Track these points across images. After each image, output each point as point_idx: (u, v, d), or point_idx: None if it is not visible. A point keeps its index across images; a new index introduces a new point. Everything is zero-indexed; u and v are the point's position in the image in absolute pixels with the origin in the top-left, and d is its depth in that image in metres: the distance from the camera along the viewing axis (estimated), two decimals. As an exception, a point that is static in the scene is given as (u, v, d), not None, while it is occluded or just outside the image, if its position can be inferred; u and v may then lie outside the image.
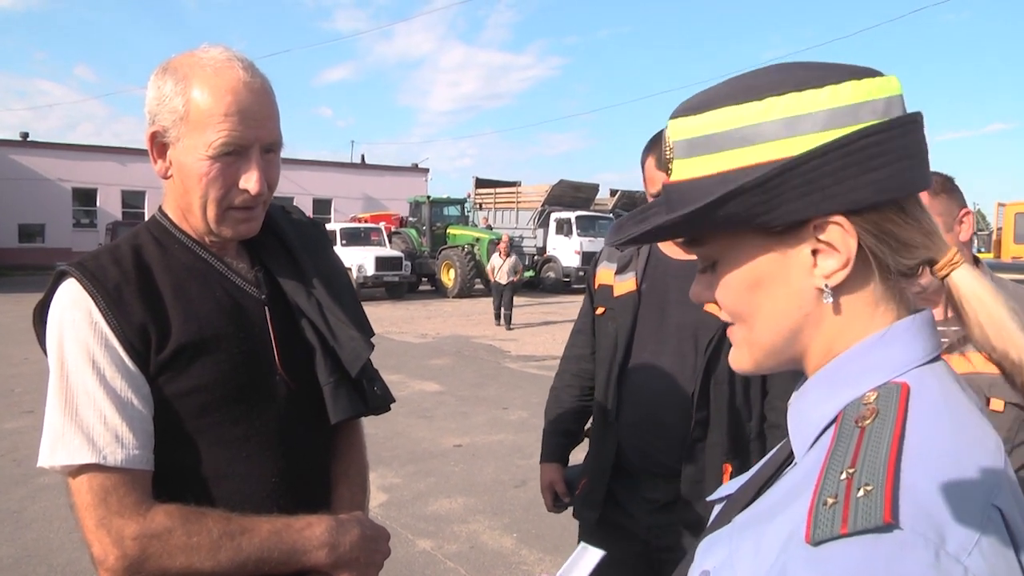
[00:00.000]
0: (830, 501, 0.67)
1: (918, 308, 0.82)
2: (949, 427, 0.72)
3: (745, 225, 0.79)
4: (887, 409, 0.73)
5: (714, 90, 0.82)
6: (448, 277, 25.56)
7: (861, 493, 0.66)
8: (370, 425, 6.85)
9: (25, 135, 39.88)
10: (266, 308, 1.57)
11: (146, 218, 1.62)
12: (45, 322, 1.44)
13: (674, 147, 0.84)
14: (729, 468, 2.28)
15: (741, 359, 0.90)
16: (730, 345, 2.39)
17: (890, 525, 0.63)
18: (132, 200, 41.07)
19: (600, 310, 2.55)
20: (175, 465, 1.44)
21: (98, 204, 40.72)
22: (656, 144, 2.35)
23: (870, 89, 0.77)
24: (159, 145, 1.49)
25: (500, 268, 17.53)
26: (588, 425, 2.67)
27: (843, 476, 0.69)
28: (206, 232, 1.53)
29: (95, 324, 1.38)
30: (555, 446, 2.71)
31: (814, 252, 0.79)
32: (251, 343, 1.52)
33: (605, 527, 2.44)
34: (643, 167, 2.41)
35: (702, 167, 0.82)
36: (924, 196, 0.82)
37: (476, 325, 17.55)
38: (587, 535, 2.50)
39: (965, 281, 0.78)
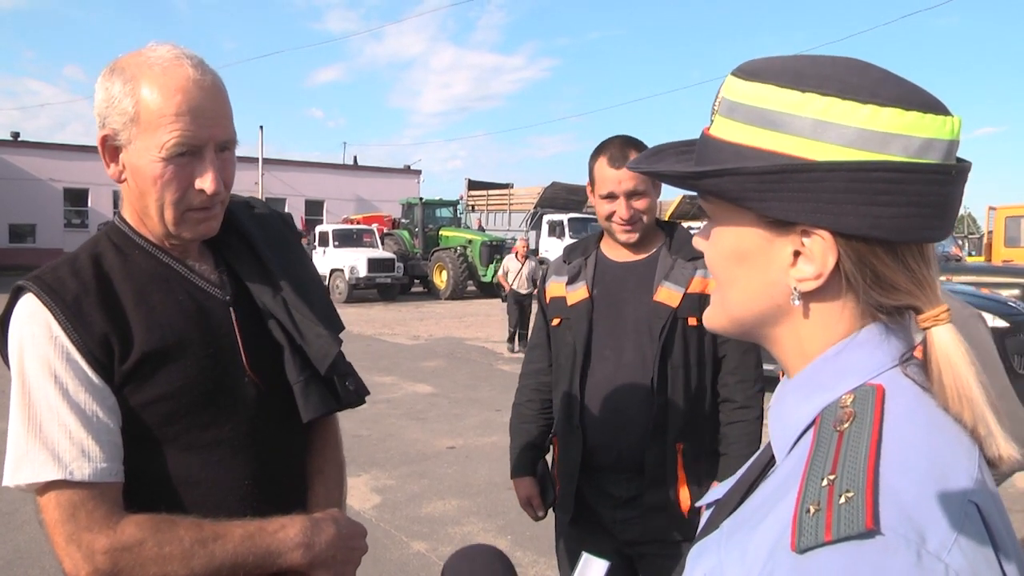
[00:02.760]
0: (812, 509, 0.68)
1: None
2: (925, 427, 0.74)
3: (736, 202, 0.81)
4: (864, 412, 0.74)
5: (774, 62, 0.82)
6: (440, 279, 25.56)
7: (843, 500, 0.67)
8: (362, 427, 6.77)
9: (16, 135, 39.72)
10: (231, 309, 1.55)
11: None
12: (6, 338, 1.41)
13: (721, 102, 0.85)
14: (681, 447, 2.43)
15: (711, 317, 0.94)
16: (683, 331, 2.49)
17: (872, 531, 0.64)
18: (123, 200, 40.91)
19: (556, 321, 2.65)
20: (146, 474, 1.42)
21: (89, 204, 40.59)
22: (606, 148, 2.48)
23: (912, 123, 0.75)
24: (111, 148, 1.46)
25: (518, 274, 14.00)
26: (552, 434, 2.74)
27: (824, 483, 0.70)
28: (165, 235, 1.50)
29: (55, 338, 1.35)
30: (523, 460, 2.79)
31: (796, 253, 0.80)
32: (217, 346, 1.50)
33: (579, 526, 2.59)
34: (592, 171, 2.52)
35: (731, 131, 0.83)
36: None
37: (468, 327, 17.55)
38: (563, 535, 2.68)
39: (943, 340, 0.77)
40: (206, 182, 1.43)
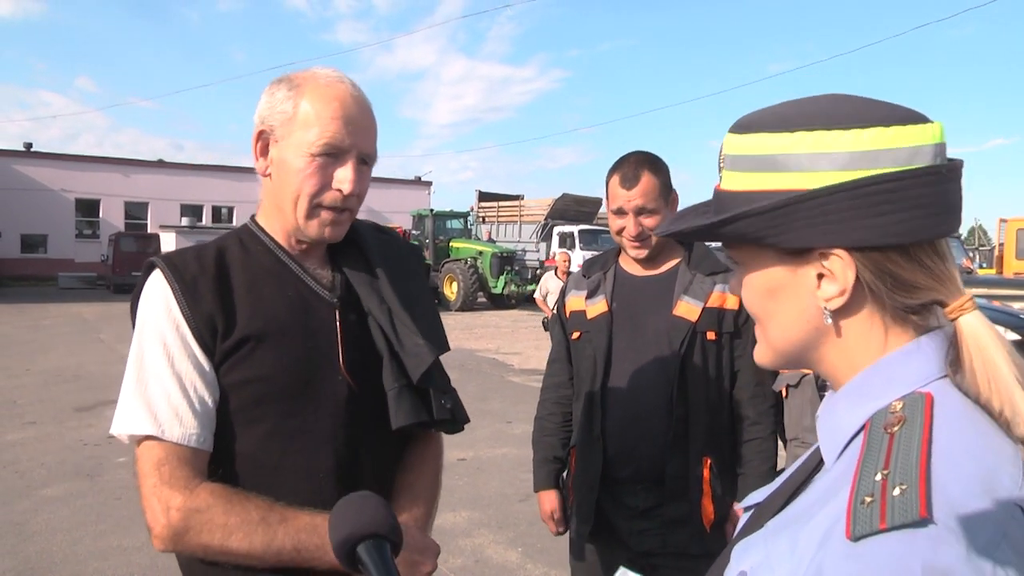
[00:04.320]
0: (867, 500, 0.73)
1: (930, 328, 0.87)
2: (972, 432, 0.77)
3: (757, 242, 0.88)
4: (914, 416, 0.79)
5: (761, 113, 0.90)
6: (451, 290, 25.54)
7: (897, 492, 0.71)
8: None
9: (29, 145, 40.01)
10: (336, 311, 1.63)
11: (149, 229, 1.65)
12: (136, 309, 1.57)
13: (724, 158, 0.92)
14: (708, 461, 2.46)
15: (759, 355, 0.99)
16: (702, 344, 2.51)
17: (925, 520, 0.68)
18: (135, 211, 41.18)
19: (576, 335, 2.69)
20: (229, 450, 1.52)
21: (101, 215, 40.82)
22: (620, 164, 2.53)
23: (895, 137, 0.81)
24: (263, 144, 1.60)
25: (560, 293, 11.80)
26: (571, 445, 2.76)
27: (878, 477, 0.74)
28: (293, 231, 1.61)
29: (170, 311, 1.51)
30: (547, 473, 2.82)
31: (820, 276, 0.86)
32: (315, 342, 1.59)
33: (594, 537, 2.60)
34: (607, 185, 2.56)
35: (738, 182, 0.90)
36: None
37: (479, 339, 17.55)
38: (580, 547, 2.68)
39: (971, 326, 0.82)
40: (344, 182, 1.55)
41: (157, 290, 1.53)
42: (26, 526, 5.61)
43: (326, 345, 1.59)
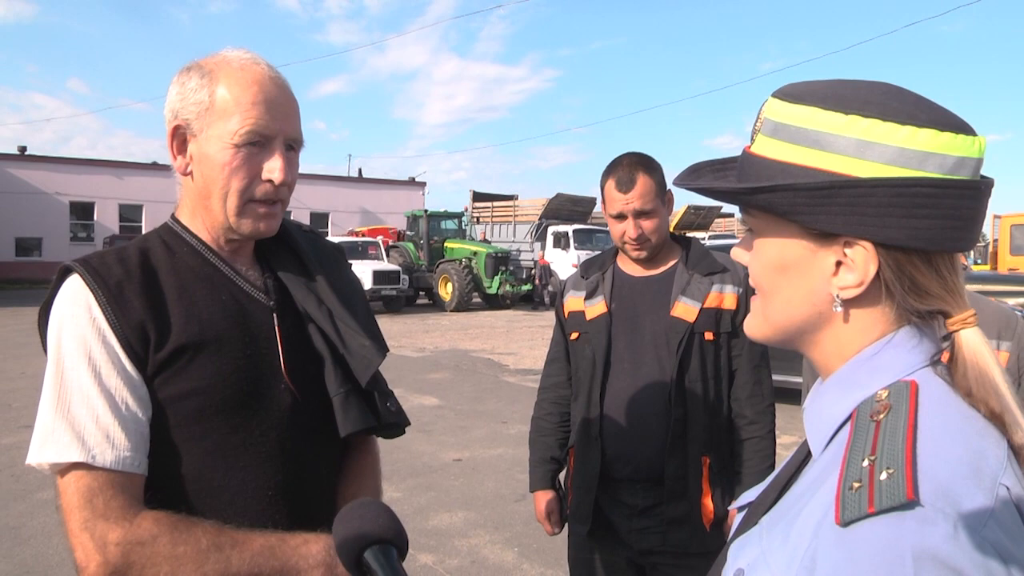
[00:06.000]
0: (855, 485, 0.74)
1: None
2: (957, 416, 0.80)
3: (785, 216, 0.86)
4: (899, 403, 0.80)
5: (815, 86, 0.88)
6: (446, 291, 25.54)
7: (884, 476, 0.73)
8: (371, 439, 6.60)
9: (23, 149, 39.95)
10: (274, 315, 1.54)
11: (144, 232, 1.58)
12: (48, 318, 1.42)
13: (763, 122, 0.90)
14: (707, 461, 2.48)
15: (753, 327, 0.99)
16: (699, 345, 2.54)
17: (912, 502, 0.70)
18: (129, 214, 41.13)
19: (574, 335, 2.70)
20: (168, 472, 1.39)
21: (95, 218, 40.80)
22: (614, 168, 2.53)
23: (946, 143, 0.81)
24: (180, 140, 1.48)
25: None
26: (569, 446, 2.77)
27: (865, 463, 0.76)
28: (223, 230, 1.51)
29: (94, 320, 1.35)
30: (544, 473, 2.83)
31: (838, 263, 0.86)
32: (256, 348, 1.48)
33: (593, 536, 2.61)
34: (602, 190, 2.57)
35: (776, 150, 0.88)
36: None
37: (474, 339, 17.53)
38: (577, 546, 2.69)
39: (971, 339, 0.84)
40: (275, 172, 1.45)
41: (77, 298, 1.37)
42: (22, 530, 5.59)
43: (266, 352, 1.49)
